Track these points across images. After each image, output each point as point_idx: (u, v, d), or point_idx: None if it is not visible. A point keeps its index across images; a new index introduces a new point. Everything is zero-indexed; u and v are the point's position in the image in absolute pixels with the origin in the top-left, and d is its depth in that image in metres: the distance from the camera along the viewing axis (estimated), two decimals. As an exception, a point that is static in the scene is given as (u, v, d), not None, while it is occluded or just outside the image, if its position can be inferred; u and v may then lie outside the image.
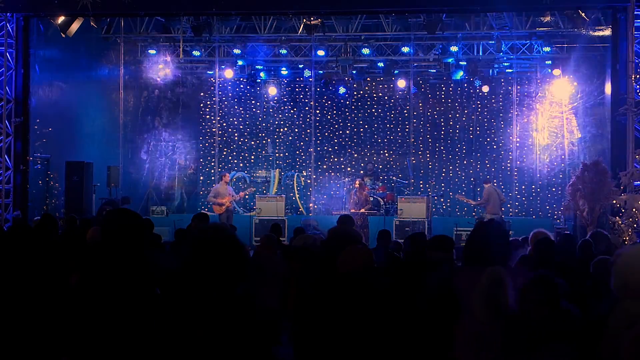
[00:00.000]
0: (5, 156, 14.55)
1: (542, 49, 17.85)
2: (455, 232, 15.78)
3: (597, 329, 3.63)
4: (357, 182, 16.79)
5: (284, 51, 18.67)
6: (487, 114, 20.23)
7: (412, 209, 16.40)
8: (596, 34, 15.93)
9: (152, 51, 18.77)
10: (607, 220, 12.76)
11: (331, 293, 4.38)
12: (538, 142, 19.73)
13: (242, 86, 21.03)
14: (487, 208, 16.35)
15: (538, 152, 19.74)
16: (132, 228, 3.86)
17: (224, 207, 16.12)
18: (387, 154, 20.78)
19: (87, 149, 16.96)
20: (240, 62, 19.56)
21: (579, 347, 3.65)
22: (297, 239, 9.03)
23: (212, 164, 20.90)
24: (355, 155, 20.92)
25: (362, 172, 19.83)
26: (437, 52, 18.57)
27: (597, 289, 5.02)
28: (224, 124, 21.19)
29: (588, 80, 17.77)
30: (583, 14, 14.25)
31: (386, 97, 20.85)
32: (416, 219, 16.20)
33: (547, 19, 16.51)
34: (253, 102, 21.29)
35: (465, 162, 20.30)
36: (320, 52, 18.42)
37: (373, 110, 20.99)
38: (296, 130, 21.17)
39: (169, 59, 19.00)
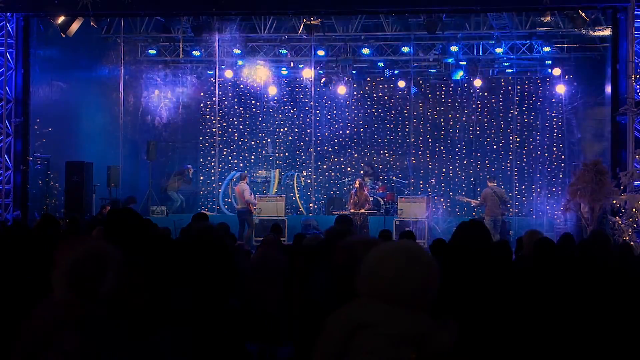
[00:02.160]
0: (5, 156, 14.56)
1: (542, 49, 17.86)
2: (455, 232, 15.75)
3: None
4: (357, 182, 16.79)
5: (284, 51, 18.66)
6: (487, 114, 20.21)
7: (412, 209, 16.38)
8: (596, 34, 15.94)
9: (152, 51, 18.78)
10: (607, 220, 12.77)
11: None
12: (538, 142, 19.73)
13: (242, 86, 21.01)
14: (485, 209, 16.36)
15: (538, 152, 19.73)
16: (135, 227, 3.86)
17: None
18: (387, 154, 20.75)
19: (87, 149, 16.96)
20: (240, 62, 19.55)
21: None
22: (306, 239, 9.02)
23: (212, 164, 20.88)
24: (355, 155, 20.87)
25: (362, 172, 19.83)
26: (437, 52, 18.57)
27: None
28: (224, 124, 21.17)
29: (588, 80, 17.77)
30: (583, 14, 14.25)
31: (386, 97, 20.82)
32: (416, 219, 16.19)
33: (547, 19, 16.50)
34: (253, 102, 21.27)
35: (465, 162, 20.27)
36: (320, 52, 18.41)
37: (373, 110, 20.97)
38: (296, 130, 21.14)
39: (168, 58, 19.01)
